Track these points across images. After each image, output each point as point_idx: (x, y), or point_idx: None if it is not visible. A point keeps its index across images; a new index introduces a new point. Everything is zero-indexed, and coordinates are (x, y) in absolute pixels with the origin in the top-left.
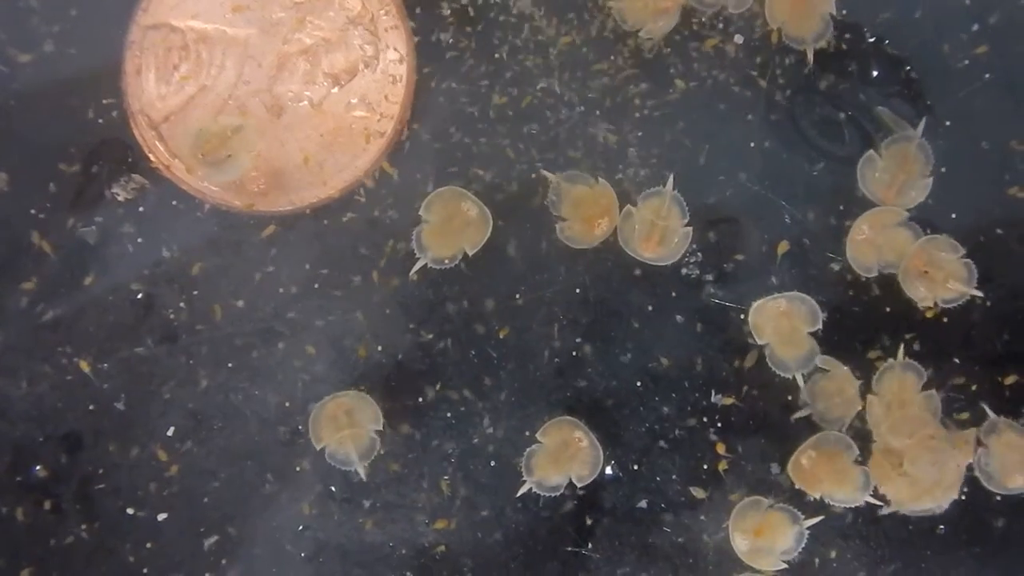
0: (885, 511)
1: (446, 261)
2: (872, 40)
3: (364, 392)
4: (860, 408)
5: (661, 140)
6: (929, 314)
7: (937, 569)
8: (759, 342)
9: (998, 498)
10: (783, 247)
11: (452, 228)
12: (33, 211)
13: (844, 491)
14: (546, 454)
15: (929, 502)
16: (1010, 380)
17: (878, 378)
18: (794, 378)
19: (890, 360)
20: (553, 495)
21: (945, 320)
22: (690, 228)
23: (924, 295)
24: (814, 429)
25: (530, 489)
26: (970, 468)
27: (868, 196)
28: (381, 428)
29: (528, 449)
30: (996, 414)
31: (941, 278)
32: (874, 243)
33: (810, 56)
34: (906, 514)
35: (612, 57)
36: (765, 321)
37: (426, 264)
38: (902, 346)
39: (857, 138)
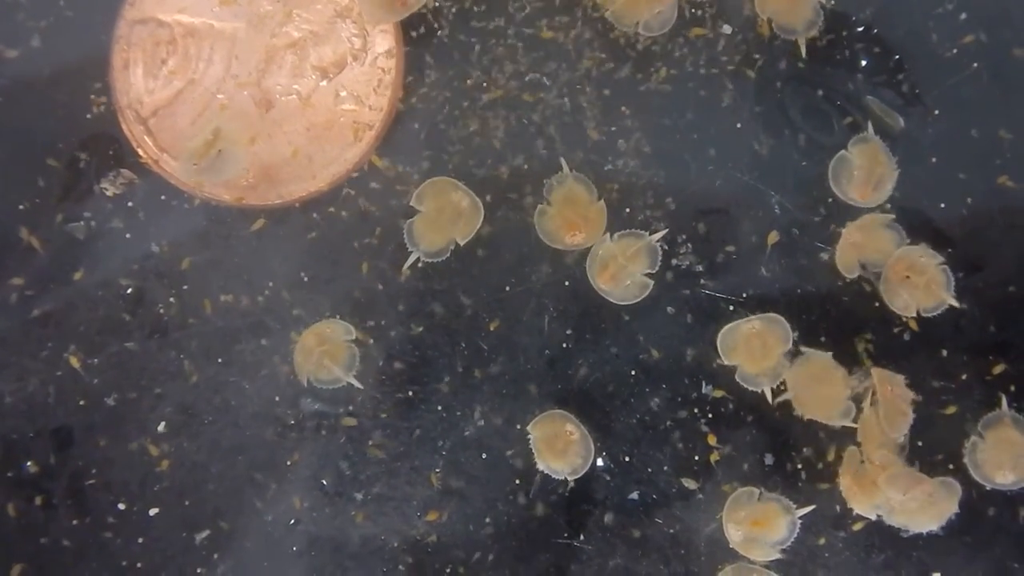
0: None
1: (438, 255)
2: (861, 30)
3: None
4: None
5: (651, 132)
6: (912, 324)
7: (928, 558)
8: (726, 362)
9: (989, 488)
10: (773, 237)
11: (444, 219)
12: (21, 206)
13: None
14: (539, 445)
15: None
16: (998, 370)
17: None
18: (762, 392)
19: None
20: (557, 477)
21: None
22: (651, 282)
23: (906, 302)
24: (805, 420)
25: (539, 474)
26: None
27: (841, 196)
28: (353, 337)
29: (531, 437)
30: (990, 406)
31: (923, 283)
32: (859, 245)
33: (803, 46)
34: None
35: (601, 49)
36: (736, 342)
37: (419, 259)
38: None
39: (846, 128)
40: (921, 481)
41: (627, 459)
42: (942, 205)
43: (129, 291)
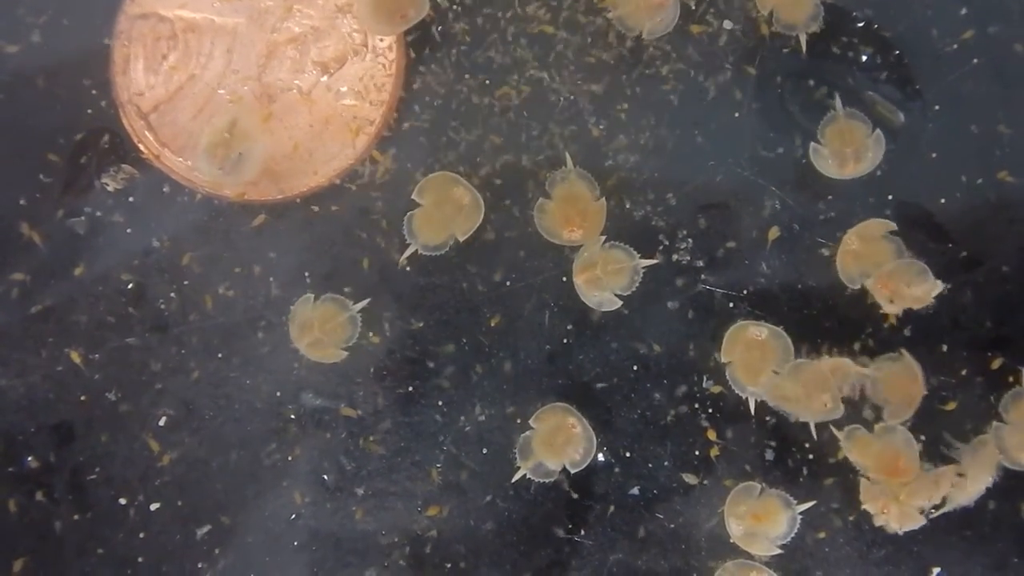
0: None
1: (437, 249)
2: (861, 25)
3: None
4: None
5: (651, 127)
6: (892, 319)
7: (928, 553)
8: (723, 360)
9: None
10: (773, 233)
11: (444, 213)
12: (23, 202)
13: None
14: (540, 439)
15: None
16: (996, 364)
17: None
18: (747, 399)
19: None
20: (547, 480)
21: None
22: (620, 302)
23: (893, 309)
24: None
25: (524, 475)
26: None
27: (831, 178)
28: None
29: (523, 435)
30: (990, 401)
31: (909, 298)
32: (858, 254)
33: (803, 42)
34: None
35: (602, 44)
36: (737, 341)
37: (417, 250)
38: None
39: None
40: (939, 480)
41: (627, 454)
42: (942, 200)
43: (130, 286)
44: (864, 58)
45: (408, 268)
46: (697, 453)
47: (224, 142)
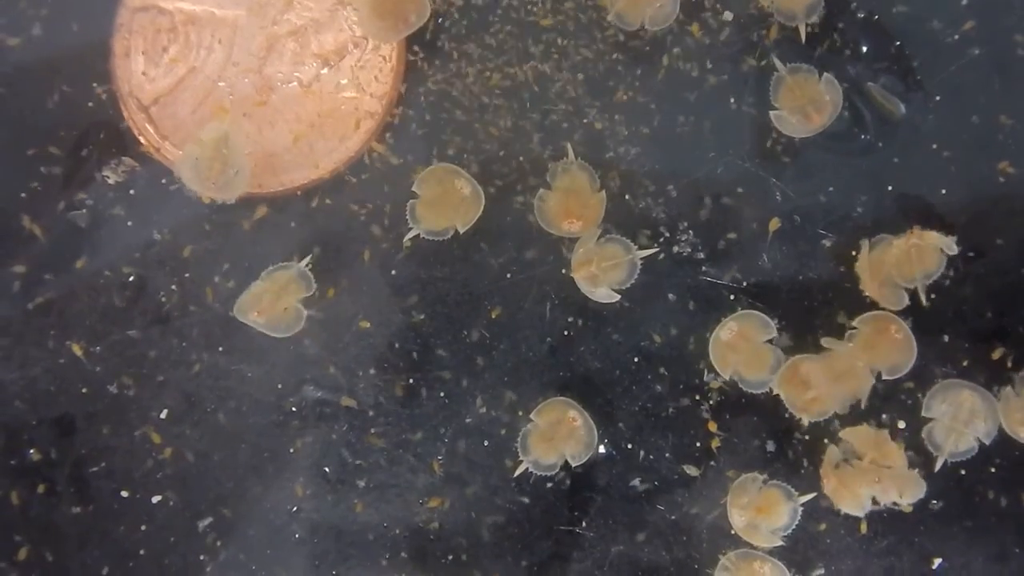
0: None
1: (440, 232)
2: (862, 16)
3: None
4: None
5: (651, 118)
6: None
7: (929, 543)
8: (724, 376)
9: (992, 470)
10: (774, 224)
11: (445, 205)
12: (23, 194)
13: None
14: (540, 433)
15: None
16: (997, 355)
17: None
18: (771, 389)
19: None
20: (548, 474)
21: (934, 296)
22: (618, 296)
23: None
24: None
25: (526, 469)
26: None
27: (804, 135)
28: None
29: (523, 429)
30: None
31: (924, 246)
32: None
33: (803, 32)
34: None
35: (602, 36)
36: (724, 354)
37: (419, 235)
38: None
39: (847, 114)
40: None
41: (629, 446)
42: (943, 191)
43: (131, 279)
44: (864, 49)
45: (409, 259)
46: (698, 445)
47: (221, 158)
